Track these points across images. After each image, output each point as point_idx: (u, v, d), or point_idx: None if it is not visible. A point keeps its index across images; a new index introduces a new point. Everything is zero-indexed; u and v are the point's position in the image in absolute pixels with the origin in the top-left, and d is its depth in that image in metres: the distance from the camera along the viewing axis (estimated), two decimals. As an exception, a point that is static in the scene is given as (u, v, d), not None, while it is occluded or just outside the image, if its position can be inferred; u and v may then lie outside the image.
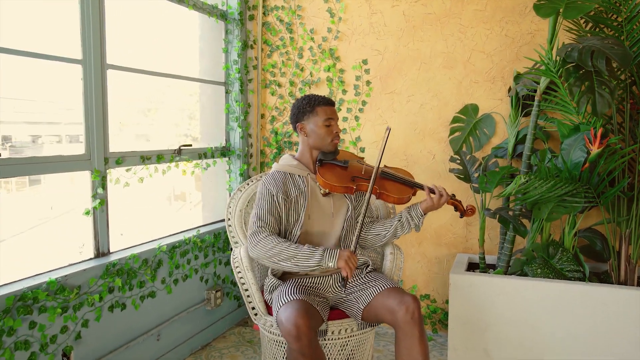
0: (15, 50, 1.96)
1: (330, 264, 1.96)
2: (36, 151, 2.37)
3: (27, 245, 2.37)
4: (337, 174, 2.20)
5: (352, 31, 3.19)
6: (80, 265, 2.17)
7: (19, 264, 2.07)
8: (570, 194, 2.41)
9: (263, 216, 2.14)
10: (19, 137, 2.34)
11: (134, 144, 2.73)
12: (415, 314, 1.98)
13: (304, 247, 2.00)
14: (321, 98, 2.23)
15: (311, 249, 1.99)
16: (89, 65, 2.23)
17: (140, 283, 2.45)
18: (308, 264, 1.99)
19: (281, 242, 2.03)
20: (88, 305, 2.14)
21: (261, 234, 2.08)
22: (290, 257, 2.00)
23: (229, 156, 3.32)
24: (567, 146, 2.48)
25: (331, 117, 2.20)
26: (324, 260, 1.97)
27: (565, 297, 2.43)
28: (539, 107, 2.48)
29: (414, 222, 2.20)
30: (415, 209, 2.20)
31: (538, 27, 2.83)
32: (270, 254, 2.03)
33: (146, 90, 2.83)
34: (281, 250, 2.01)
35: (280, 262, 2.03)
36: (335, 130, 2.22)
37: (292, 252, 2.00)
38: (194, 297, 2.91)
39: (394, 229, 2.24)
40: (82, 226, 2.30)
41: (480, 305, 2.55)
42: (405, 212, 2.22)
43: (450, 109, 3.04)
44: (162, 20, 2.86)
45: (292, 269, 2.03)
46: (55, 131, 2.50)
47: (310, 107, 2.22)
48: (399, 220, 2.23)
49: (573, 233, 2.59)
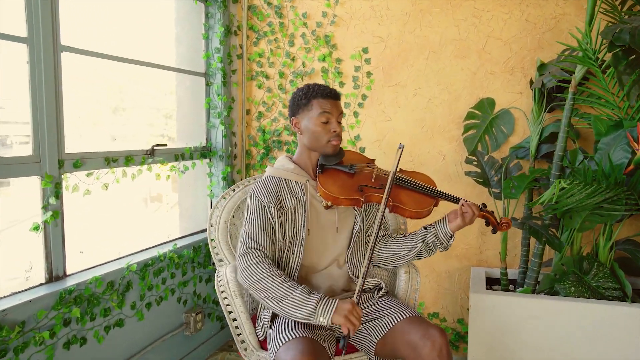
0: None
1: (322, 319, 1.54)
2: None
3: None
4: (341, 183, 1.80)
5: (351, 16, 2.82)
6: (25, 294, 1.74)
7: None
8: (610, 200, 2.08)
9: (254, 234, 1.75)
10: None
11: (97, 144, 2.30)
12: (443, 351, 1.61)
13: (297, 291, 1.59)
14: (321, 89, 1.82)
15: (305, 295, 1.58)
16: (37, 45, 1.80)
17: (105, 311, 2.02)
18: (296, 312, 1.58)
19: (273, 276, 1.64)
20: (35, 345, 1.71)
21: (252, 256, 1.69)
22: (279, 298, 1.61)
23: (209, 157, 2.91)
24: (604, 145, 2.15)
25: (329, 112, 1.79)
26: (316, 314, 1.55)
27: (606, 320, 2.10)
28: (573, 101, 2.14)
29: (443, 244, 1.82)
30: (443, 229, 1.80)
31: (564, 10, 2.50)
32: (259, 287, 1.64)
33: (111, 80, 2.41)
34: (272, 286, 1.62)
35: (267, 299, 1.63)
36: (334, 129, 1.79)
37: (282, 292, 1.61)
38: (171, 322, 2.49)
39: (417, 252, 1.86)
40: (29, 244, 1.87)
41: (505, 330, 2.21)
42: (430, 232, 1.82)
43: (463, 104, 2.68)
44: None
45: (277, 312, 1.64)
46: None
47: (305, 99, 1.81)
48: (423, 241, 1.84)
49: (610, 245, 2.25)
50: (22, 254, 1.86)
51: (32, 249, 1.86)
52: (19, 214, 1.92)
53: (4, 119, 1.87)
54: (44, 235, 1.86)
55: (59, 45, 1.89)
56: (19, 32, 1.76)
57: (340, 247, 1.89)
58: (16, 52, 1.79)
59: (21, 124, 1.87)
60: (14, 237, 1.84)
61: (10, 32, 1.73)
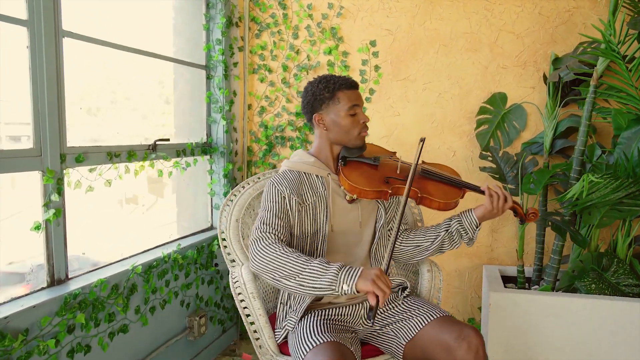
0: None
1: (345, 286, 1.39)
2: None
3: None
4: (366, 175, 1.72)
5: (358, 7, 2.73)
6: (28, 299, 1.60)
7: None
8: (632, 195, 2.04)
9: (269, 220, 1.62)
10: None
11: (97, 137, 2.15)
12: (479, 352, 1.54)
13: (314, 262, 1.45)
14: (342, 80, 1.73)
15: (324, 265, 1.44)
16: (38, 29, 1.66)
17: (109, 316, 1.89)
18: (315, 284, 1.43)
19: (288, 253, 1.49)
20: (39, 354, 1.57)
21: (266, 240, 1.55)
22: (295, 274, 1.45)
23: (210, 154, 2.79)
24: (625, 140, 2.11)
25: (357, 104, 1.71)
26: (338, 281, 1.40)
27: (627, 316, 2.05)
28: (594, 94, 2.09)
29: (468, 234, 1.75)
30: (469, 217, 1.74)
31: (577, 3, 2.46)
32: (272, 267, 1.49)
33: (107, 70, 2.26)
34: (286, 263, 1.47)
35: (282, 279, 1.48)
36: (363, 119, 1.72)
37: (298, 267, 1.45)
38: (174, 327, 2.36)
39: (440, 241, 1.79)
40: (27, 244, 1.73)
41: (525, 329, 2.15)
42: (455, 220, 1.76)
43: (474, 99, 2.62)
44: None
45: (296, 291, 1.48)
46: None
47: (329, 93, 1.72)
48: (446, 230, 1.77)
49: (629, 241, 2.22)
50: (20, 255, 1.72)
51: (32, 250, 1.72)
52: (13, 210, 1.77)
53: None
54: (46, 235, 1.72)
55: (61, 31, 1.76)
56: (19, 14, 1.62)
57: (364, 243, 1.80)
58: (14, 36, 1.65)
59: (9, 114, 1.73)
60: (11, 237, 1.69)
61: (8, 14, 1.59)
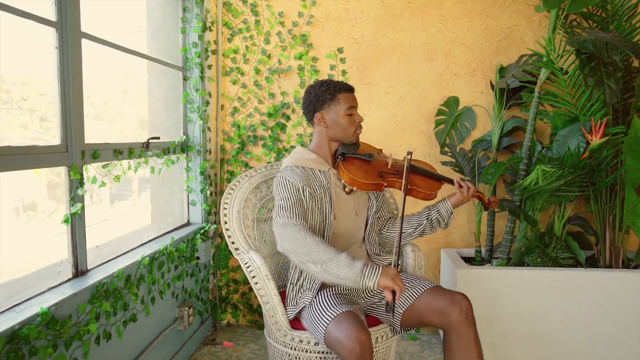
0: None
1: (369, 282, 1.63)
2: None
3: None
4: (363, 170, 1.98)
5: (326, 17, 2.98)
6: (63, 288, 1.67)
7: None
8: (568, 182, 2.48)
9: (290, 209, 1.82)
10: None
11: (103, 135, 2.20)
12: (469, 314, 1.84)
13: (342, 254, 1.67)
14: (342, 84, 1.99)
15: (350, 259, 1.66)
16: (64, 30, 1.73)
17: (124, 305, 1.98)
18: (340, 274, 1.64)
19: (318, 241, 1.70)
20: (79, 339, 1.65)
21: (293, 225, 1.75)
22: (322, 261, 1.66)
23: (187, 152, 2.89)
24: (561, 137, 2.54)
25: (353, 106, 1.98)
26: (362, 277, 1.63)
27: (566, 283, 2.48)
28: (539, 99, 2.51)
29: (445, 220, 2.06)
30: (444, 205, 2.05)
31: (516, 22, 2.89)
32: (302, 250, 1.69)
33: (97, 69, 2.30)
34: (316, 250, 1.68)
35: (309, 262, 1.68)
36: (358, 119, 1.98)
37: (326, 255, 1.66)
38: (168, 317, 2.46)
39: (422, 228, 2.09)
40: (46, 237, 1.78)
41: (487, 300, 2.51)
42: (434, 210, 2.07)
43: (431, 102, 2.97)
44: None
45: (318, 275, 1.69)
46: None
47: (330, 95, 1.96)
48: (427, 218, 2.07)
49: (563, 222, 2.67)
50: (45, 249, 1.77)
51: (55, 244, 1.77)
52: (33, 207, 1.82)
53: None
54: (71, 228, 1.79)
55: (80, 32, 1.83)
56: (47, 15, 1.69)
57: (359, 228, 2.06)
58: (39, 37, 1.70)
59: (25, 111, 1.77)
60: (33, 230, 1.74)
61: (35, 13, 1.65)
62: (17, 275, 1.66)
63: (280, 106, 3.02)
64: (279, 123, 3.03)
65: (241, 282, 3.14)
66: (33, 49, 1.73)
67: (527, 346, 2.50)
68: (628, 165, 2.43)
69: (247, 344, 2.88)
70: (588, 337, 2.48)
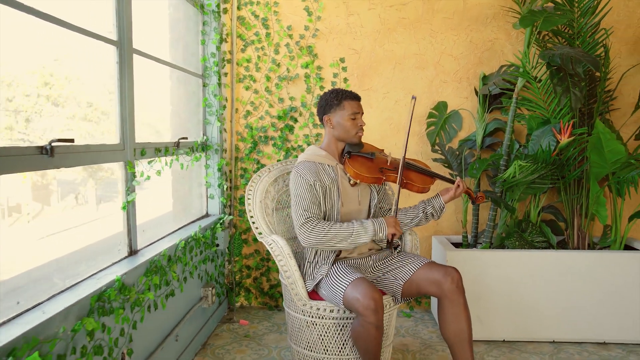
0: (50, 16, 1.61)
1: (381, 234, 2.16)
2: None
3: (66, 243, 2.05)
4: (366, 166, 2.34)
5: (330, 30, 3.35)
6: (124, 263, 2.01)
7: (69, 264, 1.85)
8: (542, 176, 2.88)
9: (308, 207, 2.22)
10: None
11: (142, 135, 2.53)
12: (459, 284, 2.21)
13: (355, 225, 2.17)
14: (348, 93, 2.36)
15: (360, 225, 2.17)
16: (123, 47, 2.08)
17: (167, 282, 2.32)
18: (362, 239, 2.16)
19: (333, 225, 2.15)
20: (138, 305, 1.99)
21: (311, 222, 2.17)
22: (346, 237, 2.15)
23: (206, 150, 3.24)
24: (535, 137, 2.95)
25: (357, 111, 2.34)
26: (376, 233, 2.16)
27: (540, 263, 2.88)
28: (516, 103, 2.91)
29: (437, 214, 2.41)
30: (438, 201, 2.39)
31: (497, 36, 3.29)
32: (326, 239, 2.14)
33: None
34: (336, 233, 2.15)
35: (337, 244, 2.15)
36: (360, 123, 2.35)
37: (346, 232, 2.15)
38: (195, 296, 2.81)
39: (418, 220, 2.43)
40: (102, 222, 2.12)
41: (473, 278, 2.90)
42: (428, 205, 2.41)
43: (422, 106, 3.36)
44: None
45: (348, 247, 2.19)
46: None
47: (337, 101, 2.33)
48: (423, 212, 2.42)
49: (538, 210, 3.07)
50: (102, 231, 2.11)
51: (110, 227, 2.11)
52: (86, 196, 2.15)
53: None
54: (127, 213, 2.13)
55: (132, 49, 2.17)
56: (109, 34, 2.03)
57: (362, 215, 2.43)
58: (99, 53, 2.04)
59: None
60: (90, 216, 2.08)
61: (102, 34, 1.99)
62: (80, 253, 2.00)
63: (288, 110, 3.38)
64: (288, 125, 3.39)
65: (253, 268, 3.49)
66: (96, 64, 2.06)
67: (507, 318, 2.90)
68: (592, 161, 2.84)
69: (261, 322, 3.24)
70: (559, 308, 2.88)
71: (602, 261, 2.85)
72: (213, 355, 2.74)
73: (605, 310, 2.87)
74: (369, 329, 2.05)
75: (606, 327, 2.88)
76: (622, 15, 3.20)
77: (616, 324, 2.87)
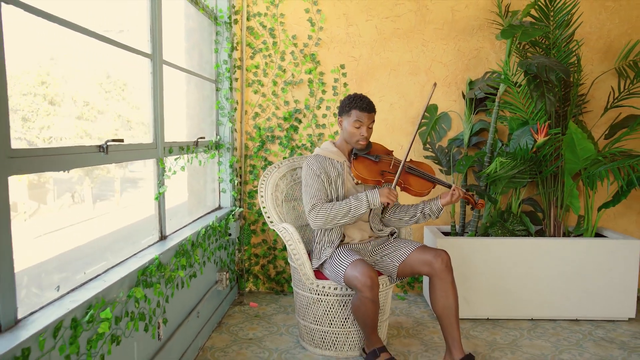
0: (89, 30, 1.82)
1: (376, 203, 2.48)
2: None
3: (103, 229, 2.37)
4: (368, 168, 2.62)
5: (331, 39, 3.68)
6: (157, 246, 2.34)
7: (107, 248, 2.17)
8: (521, 171, 3.22)
9: (315, 194, 2.55)
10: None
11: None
12: (448, 264, 2.54)
13: (351, 200, 2.49)
14: (360, 102, 2.58)
15: (356, 199, 2.49)
16: (155, 59, 2.40)
17: (190, 264, 2.65)
18: (360, 211, 2.48)
19: (333, 205, 2.50)
20: (170, 281, 2.32)
21: (318, 206, 2.51)
22: (346, 212, 2.48)
23: (219, 149, 3.56)
24: (516, 137, 3.29)
25: (361, 121, 2.57)
26: (370, 203, 2.48)
27: (520, 249, 3.23)
28: (499, 106, 3.26)
29: (434, 215, 2.70)
30: (436, 204, 2.65)
31: (482, 45, 3.63)
32: (331, 218, 2.48)
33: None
34: (337, 210, 2.48)
35: (341, 220, 2.49)
36: (362, 133, 2.58)
37: (345, 208, 2.48)
38: (211, 279, 3.13)
39: (416, 219, 2.74)
40: (132, 210, 2.44)
41: (461, 262, 3.24)
42: (427, 207, 2.68)
43: (415, 109, 3.70)
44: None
45: (350, 221, 2.51)
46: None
47: (348, 107, 2.61)
48: (421, 212, 2.70)
49: (518, 202, 3.42)
50: (133, 219, 2.43)
51: (142, 214, 2.44)
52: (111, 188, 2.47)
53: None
54: (158, 203, 2.45)
55: (162, 60, 2.49)
56: (144, 48, 2.35)
57: (366, 213, 2.74)
58: (134, 64, 2.36)
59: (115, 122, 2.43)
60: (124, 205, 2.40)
61: (138, 48, 2.31)
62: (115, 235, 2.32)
63: (293, 112, 3.71)
64: (293, 125, 3.72)
65: (261, 256, 3.82)
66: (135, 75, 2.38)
67: (490, 298, 3.24)
68: (566, 158, 3.18)
69: (269, 304, 3.57)
70: (536, 290, 3.23)
71: (575, 248, 3.20)
72: (228, 332, 3.07)
73: (577, 291, 3.22)
74: (367, 303, 2.38)
75: (578, 306, 3.23)
76: (594, 27, 3.56)
77: (586, 303, 3.22)
